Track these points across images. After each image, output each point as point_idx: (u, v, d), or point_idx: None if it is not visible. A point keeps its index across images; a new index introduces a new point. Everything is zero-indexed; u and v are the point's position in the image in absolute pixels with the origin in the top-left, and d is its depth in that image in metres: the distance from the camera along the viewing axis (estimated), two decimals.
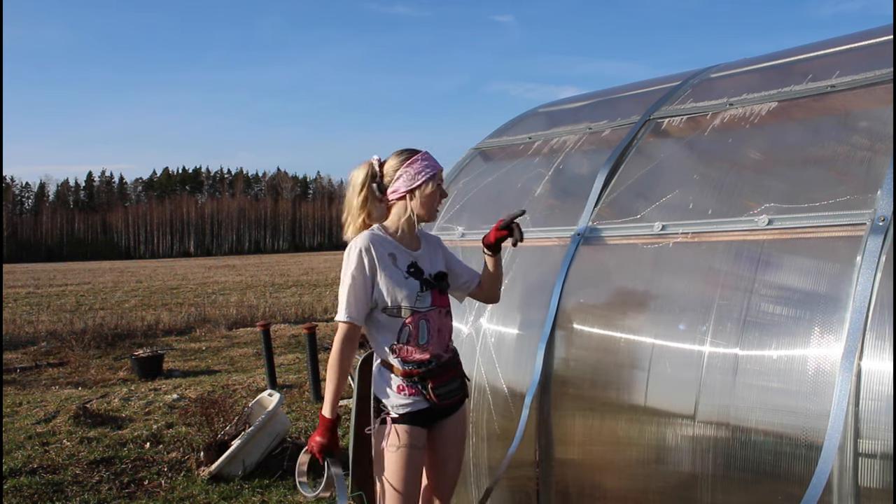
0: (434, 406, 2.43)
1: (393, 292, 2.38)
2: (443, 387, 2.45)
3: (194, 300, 19.70)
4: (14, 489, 4.72)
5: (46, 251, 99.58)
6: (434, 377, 2.43)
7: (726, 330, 2.18)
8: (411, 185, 2.44)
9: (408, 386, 2.41)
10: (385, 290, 2.38)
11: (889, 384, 1.81)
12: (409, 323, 2.41)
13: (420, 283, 2.44)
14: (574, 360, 2.65)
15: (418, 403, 2.41)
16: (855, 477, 1.84)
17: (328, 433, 2.35)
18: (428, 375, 2.42)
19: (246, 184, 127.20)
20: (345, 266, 2.40)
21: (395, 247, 2.44)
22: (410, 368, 2.41)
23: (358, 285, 2.36)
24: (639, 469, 2.36)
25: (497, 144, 3.93)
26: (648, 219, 2.63)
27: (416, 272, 2.45)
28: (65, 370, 9.93)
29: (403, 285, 2.40)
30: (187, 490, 4.67)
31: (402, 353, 2.41)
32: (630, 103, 3.50)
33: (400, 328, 2.40)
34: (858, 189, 2.12)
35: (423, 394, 2.41)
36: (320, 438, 2.35)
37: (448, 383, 2.47)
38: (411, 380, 2.41)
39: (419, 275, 2.45)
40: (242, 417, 5.23)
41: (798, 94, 2.63)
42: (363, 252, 2.37)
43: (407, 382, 2.41)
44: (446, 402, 2.46)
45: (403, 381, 2.42)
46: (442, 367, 2.45)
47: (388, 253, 2.41)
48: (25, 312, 17.46)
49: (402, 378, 2.41)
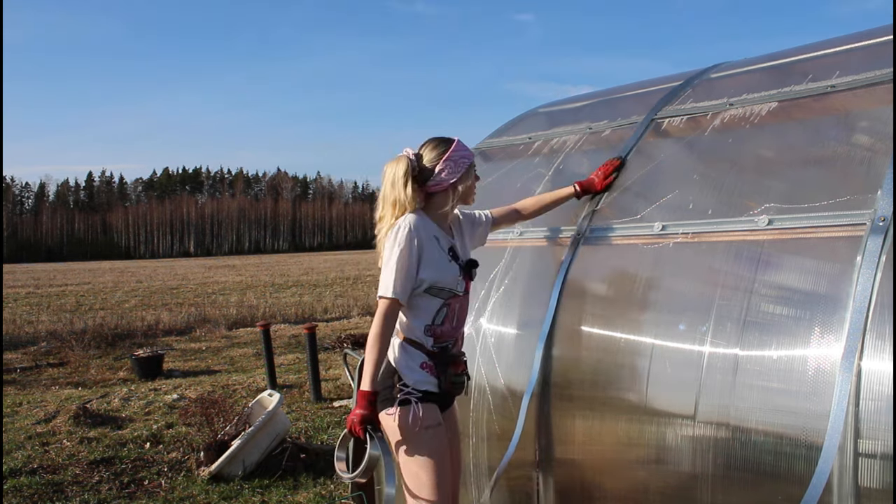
0: (443, 392, 2.51)
1: (439, 273, 2.45)
2: (458, 377, 2.54)
3: (194, 300, 19.71)
4: (14, 489, 4.72)
5: (46, 251, 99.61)
6: (455, 364, 2.53)
7: (726, 330, 2.18)
8: (453, 177, 2.50)
9: (430, 366, 2.48)
10: (433, 271, 2.44)
11: (889, 384, 1.81)
12: (447, 305, 2.49)
13: (459, 267, 2.53)
14: (574, 360, 2.65)
15: (431, 386, 2.48)
16: (855, 477, 1.84)
17: (370, 406, 2.34)
18: (451, 360, 2.51)
19: (246, 184, 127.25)
20: (390, 244, 2.42)
21: (437, 230, 2.52)
22: (438, 349, 2.49)
23: (405, 263, 2.39)
24: (639, 469, 2.36)
25: (497, 144, 3.93)
26: (648, 219, 2.63)
27: (455, 256, 2.54)
28: (65, 370, 9.94)
29: (447, 268, 2.49)
30: (187, 490, 4.67)
31: (436, 332, 2.49)
32: (631, 103, 3.50)
33: (438, 309, 2.48)
34: (858, 189, 2.12)
35: (441, 378, 2.48)
36: (361, 411, 2.33)
37: (461, 375, 2.56)
38: (436, 359, 2.48)
39: (457, 259, 2.54)
40: (242, 417, 5.23)
41: (798, 94, 2.63)
42: (412, 231, 2.41)
43: (431, 361, 2.48)
44: (454, 392, 2.55)
45: (428, 360, 2.48)
46: (458, 357, 2.57)
47: (433, 235, 2.49)
48: (25, 312, 17.47)
49: (427, 356, 2.48)
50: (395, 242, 2.41)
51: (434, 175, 2.49)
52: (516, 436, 2.68)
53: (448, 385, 2.50)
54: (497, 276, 3.10)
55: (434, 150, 2.52)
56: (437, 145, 2.53)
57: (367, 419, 2.33)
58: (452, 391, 2.54)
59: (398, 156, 2.52)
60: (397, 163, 2.50)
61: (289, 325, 13.54)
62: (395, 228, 2.44)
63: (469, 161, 2.54)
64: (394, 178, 2.48)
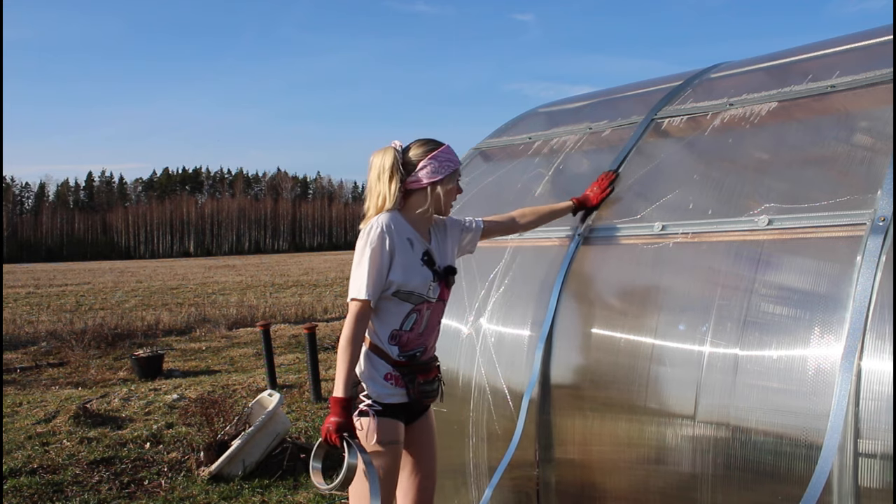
0: (412, 402, 2.43)
1: (409, 276, 2.38)
2: (427, 385, 2.46)
3: (194, 300, 19.70)
4: (14, 489, 4.72)
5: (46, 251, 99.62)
6: (423, 372, 2.44)
7: (726, 330, 2.18)
8: (434, 177, 2.43)
9: (396, 376, 2.40)
10: (402, 273, 2.37)
11: (889, 384, 1.81)
12: (416, 310, 2.41)
13: (432, 273, 2.45)
14: (574, 360, 2.65)
15: (400, 397, 2.41)
16: (855, 477, 1.84)
17: (344, 412, 2.26)
18: (418, 370, 2.43)
19: (246, 184, 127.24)
20: (363, 244, 2.36)
21: (411, 232, 2.44)
22: (404, 359, 2.41)
23: (377, 263, 2.33)
24: (639, 469, 2.36)
25: (497, 144, 3.93)
26: (648, 219, 2.63)
27: (429, 261, 2.46)
28: (65, 370, 9.93)
29: (418, 272, 2.41)
30: (187, 490, 4.67)
31: (401, 339, 2.41)
32: (631, 103, 3.50)
33: (406, 314, 2.40)
34: (858, 189, 2.12)
35: (409, 388, 2.41)
36: (336, 417, 2.25)
37: (431, 382, 2.48)
38: (401, 370, 2.40)
39: (431, 265, 2.46)
40: (242, 417, 5.23)
41: (798, 94, 2.63)
42: (385, 231, 2.35)
43: (396, 372, 2.40)
44: (425, 401, 2.48)
45: (393, 371, 2.40)
46: (427, 364, 2.47)
47: (406, 237, 2.41)
48: (25, 312, 17.47)
49: (392, 367, 2.40)
50: (367, 242, 2.35)
51: (416, 171, 2.43)
52: (516, 436, 2.68)
53: (417, 394, 2.42)
54: (497, 276, 3.10)
55: (422, 147, 2.47)
56: (426, 143, 2.49)
57: (342, 426, 2.24)
58: (422, 400, 2.46)
59: (386, 146, 2.47)
60: (384, 153, 2.44)
61: (289, 325, 13.54)
62: (368, 227, 2.38)
63: (454, 167, 2.48)
64: (380, 170, 2.42)
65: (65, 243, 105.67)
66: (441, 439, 3.14)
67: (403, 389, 2.41)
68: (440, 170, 2.44)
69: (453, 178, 2.49)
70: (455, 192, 2.53)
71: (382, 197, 2.41)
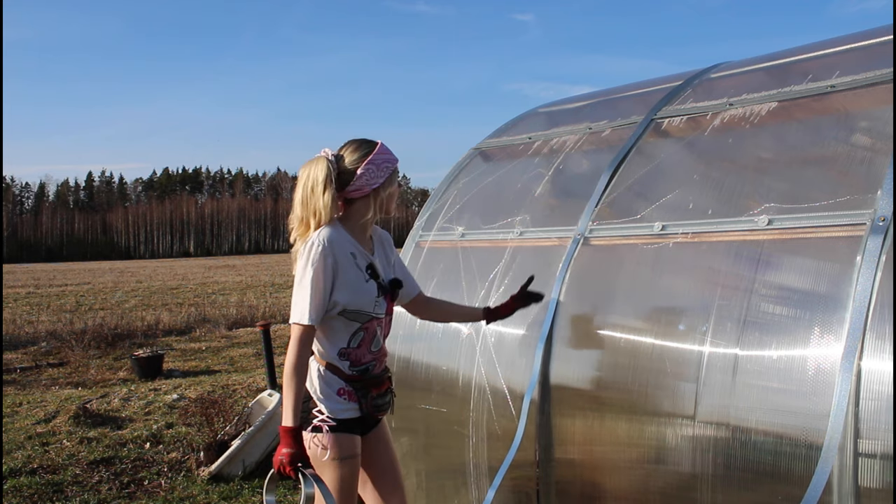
0: (364, 416, 2.38)
1: (354, 295, 2.30)
2: (380, 398, 2.41)
3: (194, 300, 19.69)
4: (14, 489, 4.72)
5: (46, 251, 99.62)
6: (376, 386, 2.40)
7: (726, 330, 2.18)
8: (375, 182, 2.32)
9: (349, 391, 2.35)
10: (346, 292, 2.28)
11: (889, 384, 1.81)
12: (365, 328, 2.35)
13: (377, 287, 2.37)
14: (574, 360, 2.65)
15: (354, 411, 2.35)
16: (855, 477, 1.84)
17: (295, 443, 2.20)
18: (371, 384, 2.38)
19: (246, 184, 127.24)
20: (303, 264, 2.25)
21: (354, 245, 2.34)
22: (357, 373, 2.36)
23: (319, 285, 2.23)
24: (639, 469, 2.36)
25: (497, 144, 3.92)
26: (648, 219, 2.63)
27: (374, 274, 2.37)
28: (65, 370, 9.93)
29: (363, 289, 2.32)
30: (187, 490, 4.67)
31: (350, 356, 2.35)
32: (631, 103, 3.50)
33: (354, 332, 2.34)
34: (858, 189, 2.12)
35: (361, 402, 2.35)
36: (288, 449, 2.18)
37: (384, 395, 2.44)
38: (355, 384, 2.35)
39: (376, 277, 2.38)
40: (242, 417, 5.24)
41: (798, 94, 2.63)
42: (326, 249, 2.24)
43: (349, 387, 2.35)
44: (377, 415, 2.43)
45: (346, 386, 2.35)
46: (379, 377, 2.42)
47: (349, 251, 2.31)
48: (25, 312, 17.46)
49: (345, 382, 2.34)
50: (308, 262, 2.23)
51: (354, 179, 2.30)
52: (518, 437, 2.68)
53: (370, 408, 2.37)
54: (497, 276, 3.10)
55: (356, 153, 2.33)
56: (359, 147, 2.35)
57: (295, 458, 2.17)
58: (375, 414, 2.40)
59: (316, 156, 2.33)
60: (316, 165, 2.29)
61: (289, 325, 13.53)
62: (308, 245, 2.25)
63: (392, 166, 2.36)
64: (312, 183, 2.28)
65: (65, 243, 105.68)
66: (441, 439, 3.15)
67: (356, 404, 2.35)
68: (380, 173, 2.33)
69: (393, 180, 2.39)
70: (396, 194, 2.42)
71: (318, 212, 2.27)
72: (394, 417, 3.41)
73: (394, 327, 3.47)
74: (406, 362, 3.37)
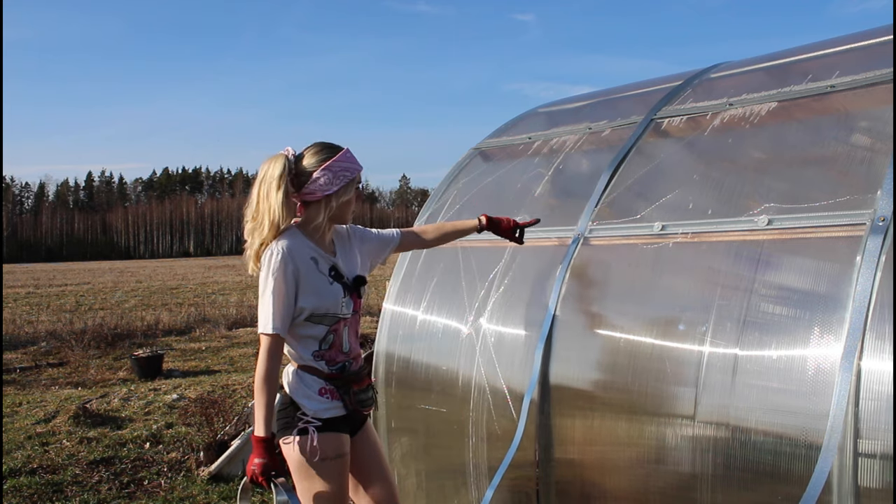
0: (350, 413, 2.38)
1: (319, 299, 2.29)
2: (362, 393, 2.41)
3: (194, 300, 19.69)
4: (14, 489, 4.72)
5: (46, 251, 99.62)
6: (356, 382, 2.39)
7: (726, 330, 2.18)
8: (329, 189, 2.29)
9: (330, 390, 2.34)
10: (311, 297, 2.28)
11: (889, 384, 1.81)
12: (334, 330, 2.35)
13: (342, 287, 2.36)
14: (573, 360, 2.65)
15: (338, 409, 2.35)
16: (855, 477, 1.84)
17: (267, 453, 2.20)
18: (351, 379, 2.38)
19: (246, 184, 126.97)
20: (264, 274, 2.24)
21: (314, 250, 2.33)
22: (335, 371, 2.36)
23: (282, 294, 2.23)
24: (639, 469, 2.36)
25: (497, 144, 3.92)
26: (648, 219, 2.63)
27: (337, 276, 2.36)
28: (65, 370, 9.93)
29: (328, 292, 2.32)
30: (187, 490, 4.67)
31: (326, 357, 2.36)
32: (630, 103, 3.50)
33: (324, 336, 2.34)
34: (858, 189, 2.12)
35: (344, 399, 2.35)
36: (260, 459, 2.19)
37: (366, 391, 2.43)
38: (335, 383, 2.35)
39: (339, 278, 2.37)
40: (242, 417, 5.23)
41: (798, 94, 2.63)
42: (286, 258, 2.23)
43: (330, 385, 2.34)
44: (361, 411, 2.42)
45: (327, 385, 2.34)
46: (359, 373, 2.42)
47: (309, 257, 2.30)
48: (25, 312, 17.45)
49: (326, 381, 2.34)
50: (269, 272, 2.22)
51: (309, 182, 2.28)
52: (517, 437, 2.68)
53: (354, 404, 2.36)
54: (497, 276, 3.10)
55: (316, 156, 2.30)
56: (321, 151, 2.31)
57: (267, 467, 2.18)
58: (359, 410, 2.40)
59: (277, 154, 2.30)
60: (274, 162, 2.27)
61: None
62: (269, 254, 2.25)
63: (351, 175, 2.32)
64: (270, 181, 2.25)
65: (65, 243, 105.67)
66: (441, 439, 3.15)
67: (340, 402, 2.35)
68: (335, 181, 2.29)
69: (350, 189, 2.34)
70: (352, 204, 2.38)
71: (271, 210, 2.24)
72: (394, 417, 3.41)
73: (393, 327, 3.48)
74: (406, 362, 3.37)
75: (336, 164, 2.30)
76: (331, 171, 2.29)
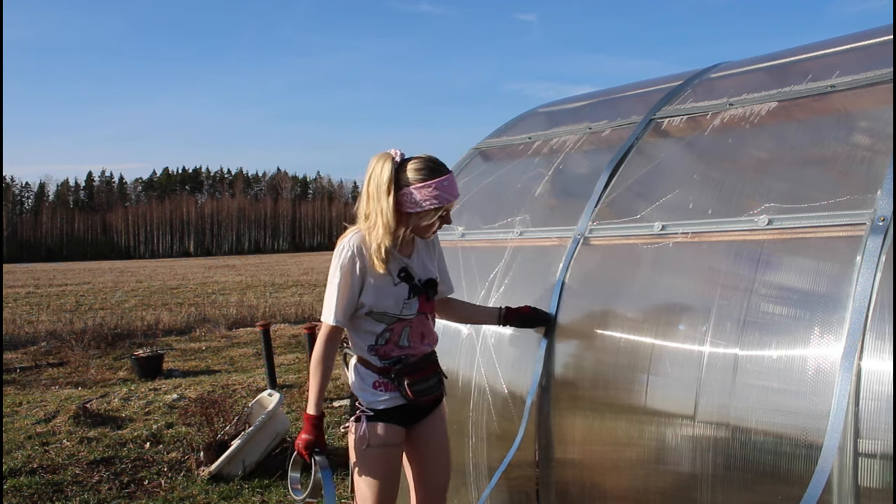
0: (411, 403, 2.44)
1: (380, 298, 2.36)
2: (420, 383, 2.45)
3: (194, 300, 19.69)
4: (14, 489, 4.72)
5: (46, 251, 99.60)
6: (410, 373, 2.43)
7: (726, 330, 2.18)
8: (414, 208, 2.30)
9: (384, 382, 2.43)
10: (373, 295, 2.35)
11: (889, 384, 1.81)
12: (391, 329, 2.41)
13: (409, 288, 2.40)
14: (574, 360, 2.65)
15: (395, 400, 2.43)
16: (855, 477, 1.84)
17: (314, 430, 2.33)
18: (404, 371, 2.42)
19: (246, 184, 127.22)
20: (335, 266, 2.34)
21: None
22: (388, 365, 2.42)
23: (347, 288, 2.32)
24: (639, 469, 2.36)
25: (497, 144, 3.93)
26: (648, 219, 2.63)
27: (407, 277, 2.41)
28: (65, 370, 9.93)
29: (391, 293, 2.37)
30: (187, 490, 4.67)
31: (380, 352, 2.43)
32: (630, 103, 3.50)
33: (381, 332, 2.41)
34: (858, 189, 2.12)
35: (401, 390, 2.42)
36: (306, 435, 2.33)
37: (425, 380, 2.47)
38: (388, 376, 2.42)
39: (409, 280, 2.41)
40: (242, 417, 5.24)
41: (798, 94, 2.63)
42: (356, 255, 2.32)
43: (384, 378, 2.42)
44: (423, 400, 2.47)
45: (380, 378, 2.42)
46: (417, 364, 2.46)
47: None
48: (25, 312, 17.45)
49: (378, 374, 2.42)
50: (339, 265, 2.31)
51: (401, 193, 2.29)
52: (518, 438, 2.68)
53: (411, 394, 2.41)
54: (497, 276, 3.10)
55: (417, 172, 2.29)
56: (423, 168, 2.29)
57: (311, 444, 2.32)
58: (418, 399, 2.43)
59: (386, 154, 2.31)
60: (383, 164, 2.29)
61: (289, 325, 13.53)
62: (340, 248, 2.34)
63: (439, 204, 2.29)
64: (377, 181, 2.29)
65: (65, 243, 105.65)
66: None
67: (396, 392, 2.43)
68: (423, 203, 2.28)
69: (434, 215, 2.33)
70: (435, 227, 2.38)
71: (384, 213, 2.28)
72: None
73: None
74: None
75: (425, 188, 2.28)
76: (425, 190, 2.28)
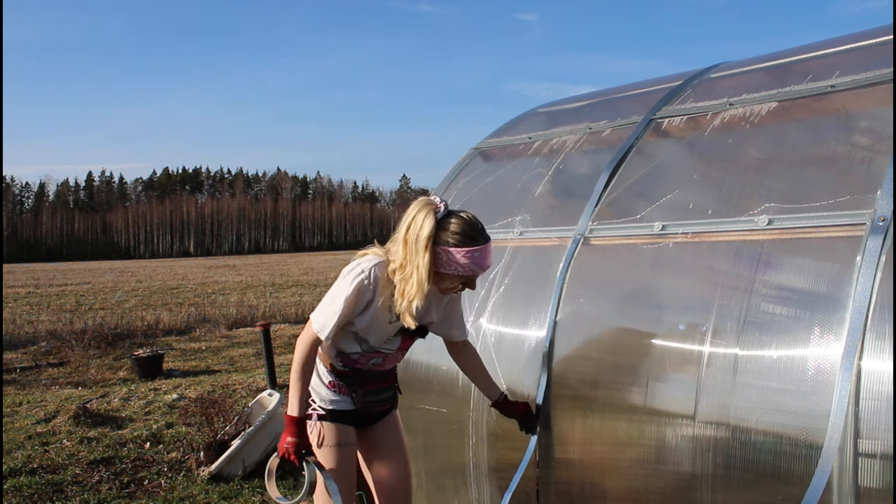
0: (360, 410, 2.47)
1: (369, 329, 2.38)
2: (373, 395, 2.49)
3: (194, 300, 19.69)
4: (14, 489, 4.72)
5: (46, 251, 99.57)
6: (366, 383, 2.47)
7: (726, 330, 2.18)
8: (440, 267, 2.26)
9: (339, 385, 2.45)
10: (367, 323, 2.36)
11: (889, 384, 1.81)
12: (366, 354, 2.44)
13: (400, 328, 2.42)
14: (574, 361, 2.65)
15: (346, 404, 2.46)
16: (855, 477, 1.84)
17: (299, 431, 2.29)
18: (361, 381, 2.46)
19: (246, 184, 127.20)
20: (348, 281, 2.29)
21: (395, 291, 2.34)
22: (347, 370, 2.45)
23: (349, 311, 2.30)
24: (639, 469, 2.36)
25: (497, 144, 3.92)
26: (648, 219, 2.63)
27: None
28: (65, 370, 9.93)
29: (382, 329, 2.39)
30: (187, 490, 4.67)
31: (345, 360, 2.45)
32: (631, 103, 3.50)
33: (355, 352, 2.44)
34: (858, 189, 2.12)
35: (353, 397, 2.45)
36: (292, 438, 2.27)
37: (379, 392, 2.51)
38: (344, 380, 2.44)
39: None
40: (242, 417, 5.24)
41: (798, 94, 2.63)
42: (369, 285, 2.29)
43: (340, 381, 2.44)
44: (373, 410, 2.50)
45: (336, 379, 2.45)
46: (377, 375, 2.49)
47: (390, 293, 2.33)
48: (25, 312, 17.45)
49: (336, 377, 2.44)
50: (350, 284, 2.28)
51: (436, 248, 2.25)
52: (531, 444, 2.68)
53: (362, 403, 2.45)
54: (497, 276, 3.10)
55: (454, 235, 2.24)
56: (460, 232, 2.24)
57: (299, 446, 2.27)
58: (368, 409, 2.47)
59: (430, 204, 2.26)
60: (426, 216, 2.23)
61: (289, 325, 13.53)
62: (359, 269, 2.29)
63: (464, 272, 2.26)
64: (417, 233, 2.23)
65: (65, 243, 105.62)
66: (441, 439, 3.14)
67: (349, 398, 2.45)
68: (449, 265, 2.25)
69: (456, 279, 2.31)
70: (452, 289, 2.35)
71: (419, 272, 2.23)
72: None
73: None
74: (406, 362, 3.36)
75: (457, 254, 2.25)
76: (454, 254, 2.24)
